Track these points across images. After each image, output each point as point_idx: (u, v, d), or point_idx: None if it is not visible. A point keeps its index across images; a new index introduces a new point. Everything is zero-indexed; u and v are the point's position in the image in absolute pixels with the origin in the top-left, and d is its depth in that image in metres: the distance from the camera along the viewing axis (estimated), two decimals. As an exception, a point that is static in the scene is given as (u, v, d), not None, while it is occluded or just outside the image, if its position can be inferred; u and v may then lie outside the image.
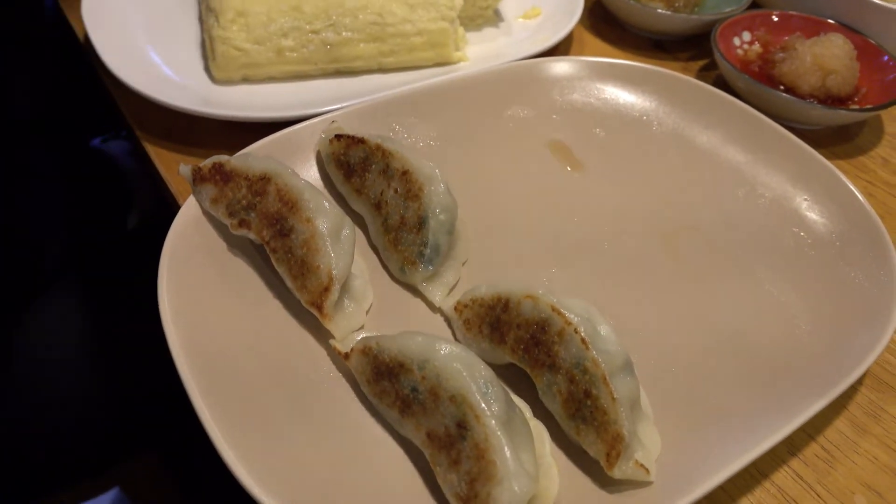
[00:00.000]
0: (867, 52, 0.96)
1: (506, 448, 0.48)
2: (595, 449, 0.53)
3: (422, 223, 0.66)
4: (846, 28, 0.98)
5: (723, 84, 0.96)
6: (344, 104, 0.78)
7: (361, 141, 0.70)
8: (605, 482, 0.54)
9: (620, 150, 0.83)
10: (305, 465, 0.54)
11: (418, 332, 0.56)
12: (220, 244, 0.66)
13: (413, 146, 0.79)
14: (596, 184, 0.80)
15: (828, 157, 0.79)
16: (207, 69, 0.88)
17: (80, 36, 0.96)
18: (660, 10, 1.03)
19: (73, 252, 1.04)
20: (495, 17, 1.04)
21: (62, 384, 0.92)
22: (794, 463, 0.61)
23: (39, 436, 0.93)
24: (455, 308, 0.62)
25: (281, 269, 0.62)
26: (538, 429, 0.56)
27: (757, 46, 1.00)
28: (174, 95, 0.80)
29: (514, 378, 0.60)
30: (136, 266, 0.98)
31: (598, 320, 0.58)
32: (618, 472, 0.52)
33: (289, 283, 0.61)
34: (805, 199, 0.78)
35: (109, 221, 1.18)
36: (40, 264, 1.01)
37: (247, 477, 0.51)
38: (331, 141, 0.71)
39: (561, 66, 0.88)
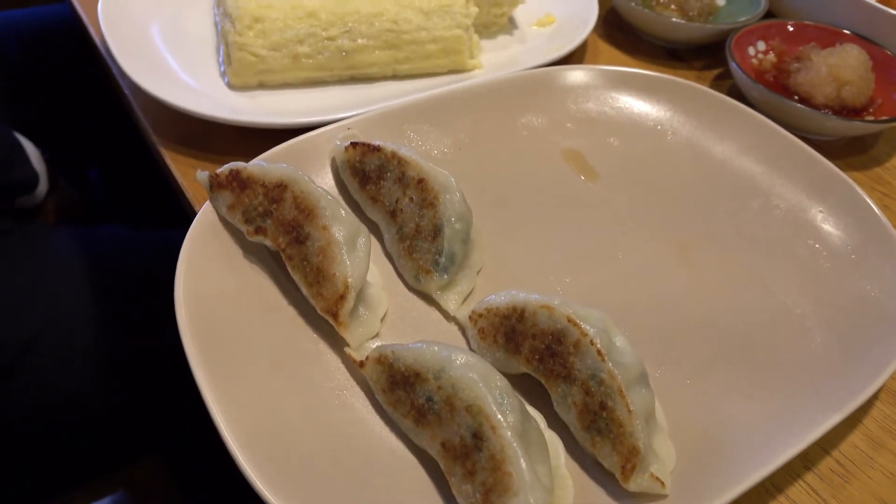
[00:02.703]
0: (883, 62, 0.95)
1: (521, 460, 0.49)
2: (610, 461, 0.53)
3: (437, 232, 0.66)
4: (862, 39, 0.98)
5: (737, 93, 0.96)
6: (359, 111, 0.78)
7: (377, 149, 0.70)
8: (620, 494, 0.54)
9: (635, 160, 0.83)
10: (319, 474, 0.54)
11: (434, 341, 0.56)
12: (237, 250, 0.66)
13: (427, 153, 0.79)
14: (610, 193, 0.79)
15: (842, 169, 0.79)
16: (223, 75, 0.89)
17: (97, 40, 0.96)
18: (674, 19, 1.03)
19: None
20: (509, 25, 1.04)
21: (68, 386, 0.93)
22: (809, 477, 0.61)
23: (44, 437, 0.94)
24: (470, 317, 0.62)
25: (296, 277, 0.62)
26: (553, 440, 0.56)
27: (772, 56, 1.00)
28: (190, 101, 0.80)
29: (529, 388, 0.60)
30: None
31: (613, 331, 0.58)
32: (633, 485, 0.52)
33: (304, 290, 0.62)
34: (820, 211, 0.77)
35: None
36: None
37: (260, 484, 0.51)
38: (346, 148, 0.71)
39: (575, 75, 0.88)
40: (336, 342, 0.62)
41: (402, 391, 0.55)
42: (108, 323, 0.96)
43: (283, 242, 0.62)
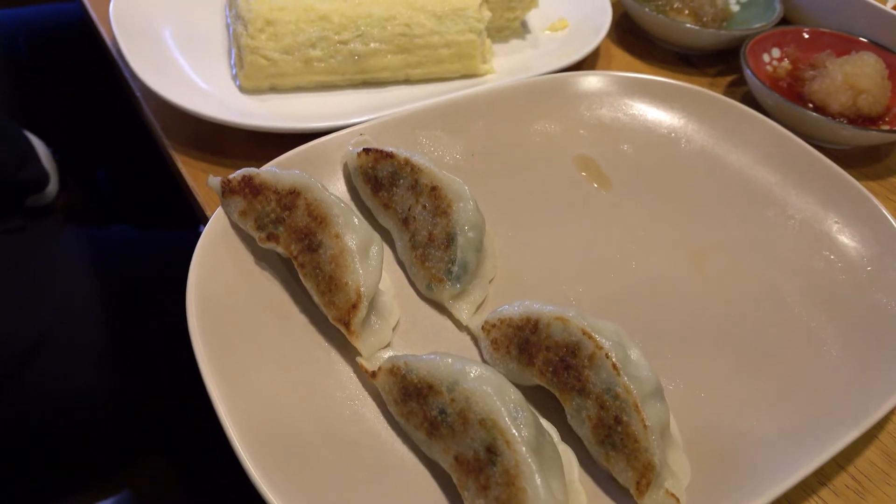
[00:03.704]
0: (899, 71, 0.95)
1: (536, 475, 0.48)
2: (625, 477, 0.53)
3: (450, 240, 0.65)
4: (878, 46, 0.97)
5: (751, 101, 0.95)
6: (371, 116, 0.78)
7: (390, 155, 0.69)
8: (634, 510, 0.54)
9: (648, 168, 0.82)
10: (330, 485, 0.53)
11: (448, 353, 0.56)
12: (248, 257, 0.66)
13: (439, 160, 0.78)
14: (623, 201, 0.79)
15: (857, 178, 0.78)
16: (235, 78, 0.88)
17: (108, 41, 0.96)
18: (688, 25, 1.02)
19: None
20: (522, 29, 1.04)
21: (75, 387, 0.92)
22: (824, 493, 0.60)
23: (50, 438, 0.94)
24: (483, 327, 0.62)
25: (308, 285, 0.61)
26: (566, 454, 0.56)
27: (786, 63, 0.99)
28: (201, 104, 0.80)
29: (542, 401, 0.59)
30: None
31: (628, 344, 0.58)
32: (648, 501, 0.52)
33: (316, 298, 0.61)
34: (835, 222, 0.76)
35: None
36: None
37: (269, 492, 0.50)
38: (359, 154, 0.71)
39: (589, 81, 0.88)
40: (348, 351, 0.61)
41: (415, 403, 0.54)
42: (117, 323, 0.95)
43: (295, 250, 0.62)
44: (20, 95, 1.20)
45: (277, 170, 0.66)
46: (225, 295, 0.62)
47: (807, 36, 1.01)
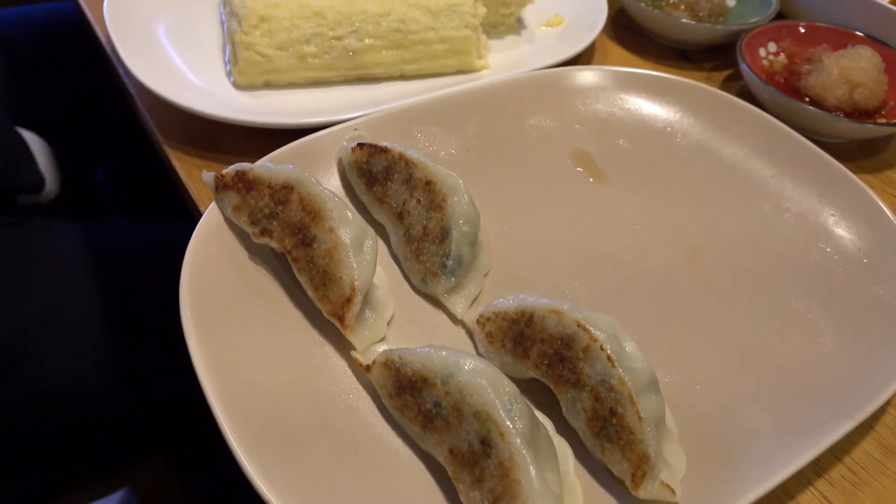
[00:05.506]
0: (895, 64, 0.94)
1: (531, 467, 0.48)
2: (620, 468, 0.53)
3: (445, 234, 0.65)
4: (874, 40, 0.97)
5: (747, 95, 0.95)
6: (366, 111, 0.78)
7: (384, 150, 0.69)
8: (630, 502, 0.53)
9: (644, 162, 0.82)
10: (325, 479, 0.53)
11: (442, 346, 0.55)
12: (242, 252, 0.65)
13: (434, 155, 0.78)
14: (619, 196, 0.79)
15: (854, 172, 0.78)
16: (229, 74, 0.88)
17: (103, 39, 0.96)
18: (684, 20, 1.02)
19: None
20: (518, 25, 1.04)
21: (72, 384, 0.92)
22: (821, 484, 0.60)
23: (48, 436, 0.93)
24: (478, 321, 0.62)
25: (302, 279, 0.61)
26: (561, 446, 0.56)
27: (782, 58, 0.99)
28: (196, 100, 0.79)
29: (537, 393, 0.59)
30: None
31: (623, 336, 0.57)
32: (643, 493, 0.51)
33: (310, 292, 0.61)
34: (832, 215, 0.76)
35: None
36: None
37: (265, 488, 0.50)
38: (353, 149, 0.71)
39: (584, 76, 0.88)
40: (342, 345, 0.61)
41: (410, 396, 0.54)
42: (111, 318, 0.95)
43: (289, 244, 0.62)
44: (19, 93, 1.20)
45: (271, 165, 0.65)
46: (219, 290, 0.62)
47: (803, 30, 1.01)
